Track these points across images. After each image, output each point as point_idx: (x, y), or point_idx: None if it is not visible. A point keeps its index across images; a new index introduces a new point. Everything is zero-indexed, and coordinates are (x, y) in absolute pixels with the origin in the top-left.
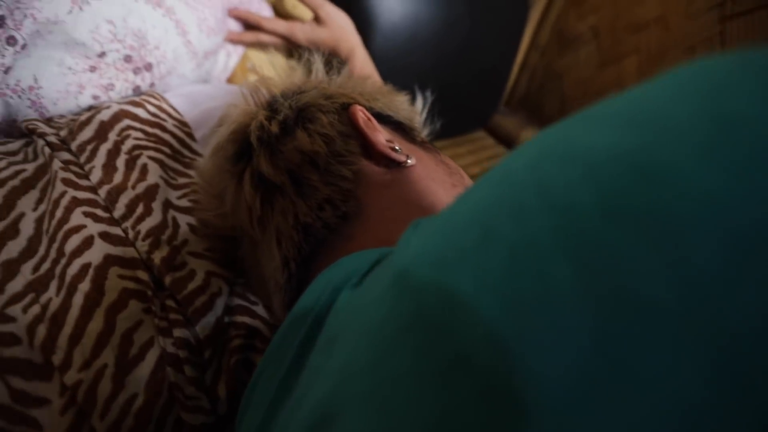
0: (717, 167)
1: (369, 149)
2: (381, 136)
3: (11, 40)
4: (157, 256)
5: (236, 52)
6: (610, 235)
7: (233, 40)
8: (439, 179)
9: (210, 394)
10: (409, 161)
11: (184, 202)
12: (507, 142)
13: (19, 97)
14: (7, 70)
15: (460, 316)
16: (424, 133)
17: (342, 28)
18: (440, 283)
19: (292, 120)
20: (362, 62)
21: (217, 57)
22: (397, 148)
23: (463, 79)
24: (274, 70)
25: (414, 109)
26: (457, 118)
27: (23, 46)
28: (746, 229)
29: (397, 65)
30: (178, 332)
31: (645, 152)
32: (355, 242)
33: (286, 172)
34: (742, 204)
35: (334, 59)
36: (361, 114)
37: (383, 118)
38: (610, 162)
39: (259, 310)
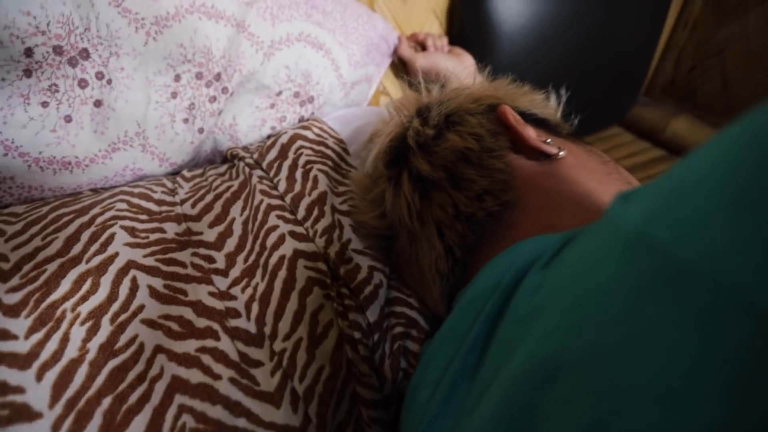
0: None
1: (519, 144)
2: (531, 131)
3: (225, 90)
4: (332, 251)
5: (375, 81)
6: None
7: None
8: (592, 168)
9: (377, 374)
10: (561, 153)
11: (345, 207)
12: (651, 136)
13: (223, 133)
14: (219, 113)
15: (720, 270)
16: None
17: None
18: (689, 244)
19: (443, 124)
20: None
21: (360, 86)
22: (548, 140)
23: (596, 72)
24: (404, 91)
25: (553, 107)
26: (589, 115)
27: (231, 94)
28: None
29: (526, 66)
30: (352, 316)
31: None
32: (518, 229)
33: (442, 168)
34: None
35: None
36: (510, 112)
37: (527, 116)
38: None
39: (414, 302)
